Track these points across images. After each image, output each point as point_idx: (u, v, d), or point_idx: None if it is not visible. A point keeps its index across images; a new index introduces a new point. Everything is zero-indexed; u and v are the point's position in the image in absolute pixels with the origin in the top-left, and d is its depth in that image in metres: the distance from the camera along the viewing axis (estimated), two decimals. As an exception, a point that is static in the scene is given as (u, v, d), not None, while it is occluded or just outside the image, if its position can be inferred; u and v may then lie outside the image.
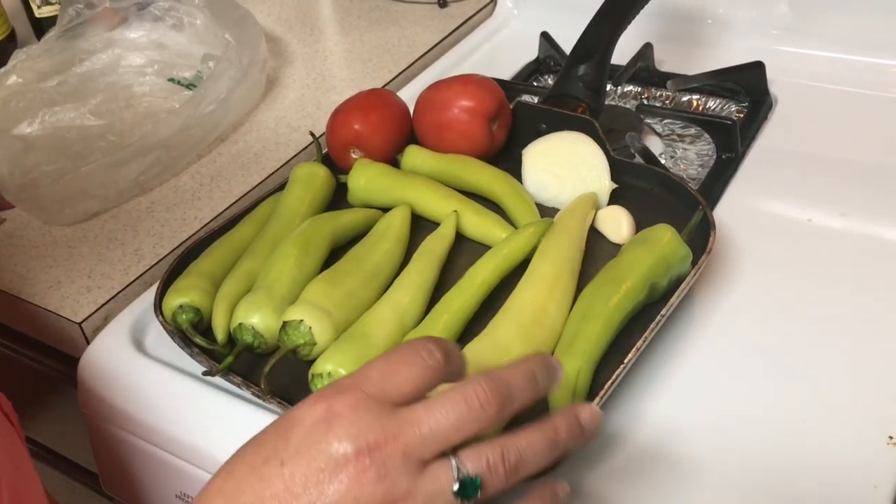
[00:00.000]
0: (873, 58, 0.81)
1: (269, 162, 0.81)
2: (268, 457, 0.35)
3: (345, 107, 0.72)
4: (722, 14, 0.89)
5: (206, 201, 0.76)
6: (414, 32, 1.02)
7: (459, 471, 0.34)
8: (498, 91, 0.71)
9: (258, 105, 0.90)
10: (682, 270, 0.57)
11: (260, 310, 0.55)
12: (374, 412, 0.35)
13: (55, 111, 0.85)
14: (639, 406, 0.53)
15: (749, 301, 0.60)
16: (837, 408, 0.52)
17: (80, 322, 0.65)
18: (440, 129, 0.70)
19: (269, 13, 1.11)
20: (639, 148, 0.72)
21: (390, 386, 0.36)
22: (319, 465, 0.34)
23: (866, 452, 0.49)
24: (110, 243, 0.72)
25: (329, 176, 0.70)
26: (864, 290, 0.59)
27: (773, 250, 0.64)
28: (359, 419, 0.34)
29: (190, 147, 0.80)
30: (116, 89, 0.90)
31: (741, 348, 0.56)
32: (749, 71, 0.80)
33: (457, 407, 0.35)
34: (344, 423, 0.34)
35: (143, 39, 0.95)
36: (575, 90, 0.71)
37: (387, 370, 0.36)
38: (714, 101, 0.82)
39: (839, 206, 0.67)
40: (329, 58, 0.99)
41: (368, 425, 0.34)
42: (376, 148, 0.71)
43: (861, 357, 0.55)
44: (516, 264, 0.59)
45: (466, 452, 0.35)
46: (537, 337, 0.52)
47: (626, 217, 0.63)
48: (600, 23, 0.74)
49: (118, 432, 0.61)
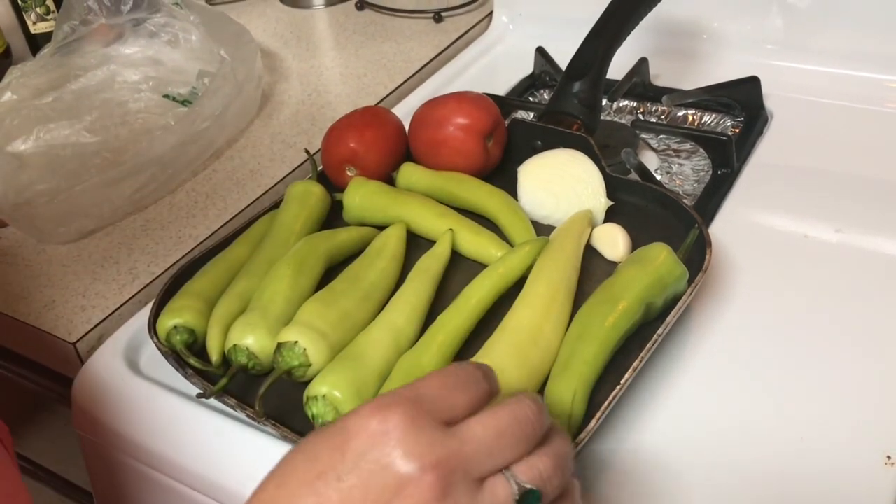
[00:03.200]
0: (869, 72, 0.82)
1: (264, 179, 0.81)
2: (322, 471, 0.34)
3: (340, 124, 0.72)
4: (717, 29, 0.89)
5: (201, 219, 0.76)
6: (409, 48, 1.02)
7: (518, 485, 0.34)
8: (493, 108, 0.71)
9: (253, 121, 0.90)
10: (679, 289, 0.57)
11: (254, 331, 0.55)
12: (431, 428, 0.34)
13: (50, 128, 0.84)
14: (635, 425, 0.53)
15: (746, 319, 0.59)
16: (835, 427, 0.51)
17: (74, 342, 0.65)
18: (435, 146, 0.70)
19: (265, 29, 1.11)
20: (634, 164, 0.72)
21: (444, 407, 0.35)
22: (380, 482, 0.33)
23: (864, 472, 0.49)
24: (105, 262, 0.72)
25: (324, 194, 0.70)
26: (861, 308, 0.59)
27: (769, 267, 0.63)
28: (418, 435, 0.34)
29: (185, 164, 0.80)
30: (112, 106, 0.90)
31: (738, 367, 0.56)
32: (744, 86, 0.80)
33: (511, 426, 0.35)
34: (403, 438, 0.33)
35: (139, 55, 0.95)
36: (570, 107, 0.71)
37: (442, 392, 0.36)
38: (710, 115, 0.82)
39: (835, 221, 0.67)
40: (324, 73, 0.99)
41: (429, 442, 0.34)
42: (372, 165, 0.71)
43: (859, 376, 0.54)
44: (512, 283, 0.59)
45: (520, 467, 0.35)
46: (533, 357, 0.52)
47: (621, 235, 0.63)
48: (595, 39, 0.74)
49: (112, 452, 0.61)
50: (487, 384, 0.37)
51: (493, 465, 0.35)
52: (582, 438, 0.47)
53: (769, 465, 0.50)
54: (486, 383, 0.37)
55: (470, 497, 0.33)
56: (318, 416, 0.50)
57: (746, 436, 0.52)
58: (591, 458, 0.51)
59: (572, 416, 0.49)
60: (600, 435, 0.52)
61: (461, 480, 0.34)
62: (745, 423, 0.53)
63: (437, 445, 0.34)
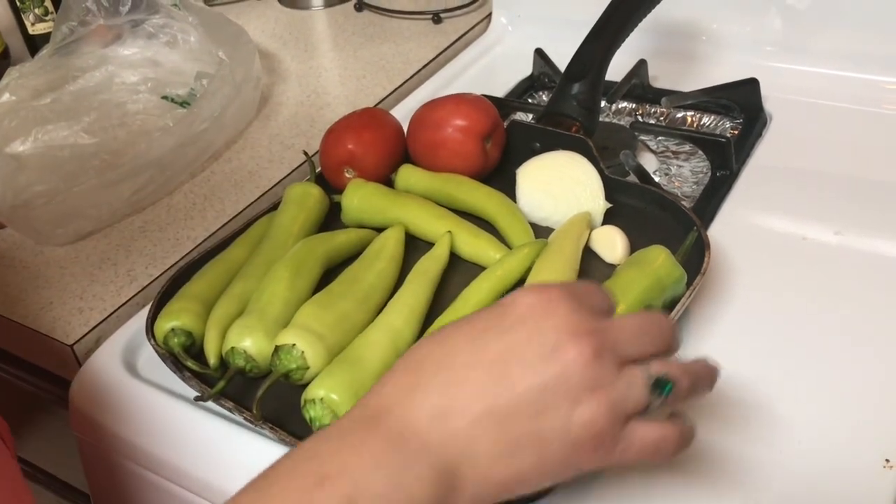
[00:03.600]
0: (868, 74, 0.82)
1: (262, 180, 0.81)
2: (485, 328, 0.38)
3: (338, 126, 0.72)
4: (716, 30, 0.89)
5: (199, 220, 0.76)
6: (408, 49, 1.02)
7: (651, 375, 0.38)
8: (492, 110, 0.70)
9: (252, 122, 0.90)
10: (678, 291, 0.56)
11: (252, 334, 0.55)
12: (586, 309, 0.38)
13: (48, 129, 0.84)
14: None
15: (744, 321, 0.59)
16: (834, 430, 0.51)
17: (71, 344, 0.64)
18: (434, 148, 0.70)
19: (263, 30, 1.11)
20: (633, 166, 0.72)
21: (594, 302, 0.39)
22: (537, 340, 0.37)
23: (863, 475, 0.49)
24: (102, 264, 0.72)
25: (322, 196, 0.70)
26: (860, 310, 0.59)
27: (768, 269, 0.63)
28: (575, 310, 0.38)
29: (183, 166, 0.80)
30: (110, 107, 0.90)
31: (736, 369, 0.56)
32: (743, 87, 0.80)
33: (652, 326, 0.40)
34: (562, 310, 0.37)
35: (137, 57, 0.95)
36: (569, 109, 0.71)
37: (590, 289, 0.40)
38: (708, 117, 0.82)
39: (834, 223, 0.66)
40: (323, 74, 0.99)
41: (584, 318, 0.38)
42: (370, 167, 0.71)
43: (858, 378, 0.54)
44: (510, 286, 0.59)
45: (655, 363, 0.39)
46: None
47: (620, 237, 0.63)
48: (594, 41, 0.74)
49: (110, 454, 0.61)
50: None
51: (635, 351, 0.38)
52: (580, 441, 0.47)
53: (767, 468, 0.50)
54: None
55: (613, 372, 0.37)
56: (316, 420, 0.50)
57: (745, 438, 0.52)
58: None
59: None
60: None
61: (608, 355, 0.37)
62: (742, 425, 0.52)
63: (591, 322, 0.38)
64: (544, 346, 0.36)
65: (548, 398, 0.36)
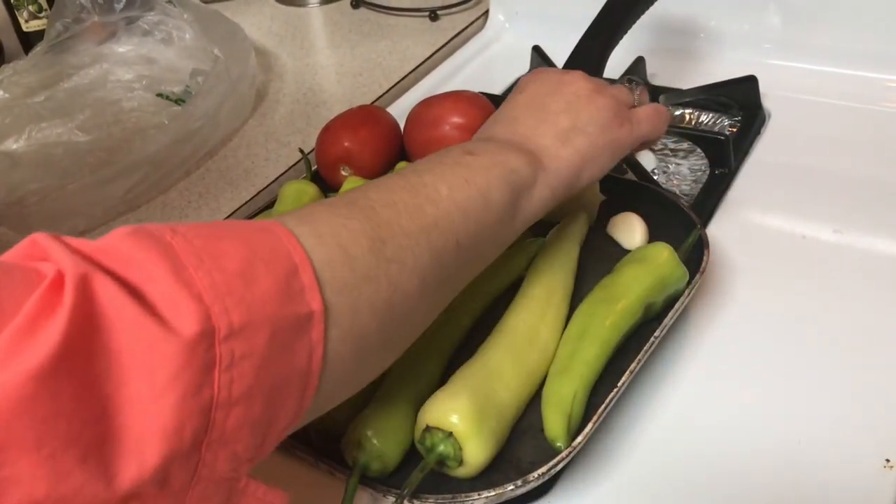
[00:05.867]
0: (867, 71, 0.81)
1: (258, 178, 0.80)
2: (513, 98, 0.57)
3: (334, 124, 0.72)
4: (714, 28, 0.89)
5: (194, 219, 0.75)
6: (405, 46, 1.01)
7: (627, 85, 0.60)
8: (489, 108, 0.70)
9: (247, 120, 0.90)
10: (678, 289, 0.56)
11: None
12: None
13: (42, 127, 0.84)
14: (633, 427, 0.52)
15: (743, 320, 0.59)
16: (834, 430, 0.51)
17: (65, 343, 0.64)
18: (431, 145, 0.70)
19: (259, 27, 1.11)
20: (631, 163, 0.71)
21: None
22: (558, 86, 0.56)
23: (863, 475, 0.48)
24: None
25: (318, 194, 0.69)
26: (859, 309, 0.59)
27: (767, 268, 0.63)
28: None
29: (178, 163, 0.80)
30: (104, 104, 0.89)
31: (736, 368, 0.56)
32: (742, 85, 0.79)
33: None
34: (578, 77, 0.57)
35: (132, 54, 0.95)
36: (567, 106, 0.71)
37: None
38: (707, 115, 0.82)
39: (833, 222, 0.66)
40: (319, 72, 0.99)
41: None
42: (366, 165, 0.70)
43: (858, 378, 0.54)
44: (508, 285, 0.59)
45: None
46: (530, 359, 0.52)
47: (639, 224, 0.62)
48: (592, 38, 0.73)
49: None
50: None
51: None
52: (580, 441, 0.47)
53: (767, 468, 0.49)
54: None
55: (606, 84, 0.57)
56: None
57: (744, 438, 0.51)
58: (588, 461, 0.51)
59: (572, 417, 0.48)
60: (598, 437, 0.51)
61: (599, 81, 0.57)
62: (743, 425, 0.52)
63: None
64: (556, 83, 0.56)
65: (574, 105, 0.54)
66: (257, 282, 0.33)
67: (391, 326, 0.41)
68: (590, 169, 0.53)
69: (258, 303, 0.33)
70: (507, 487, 0.45)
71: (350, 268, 0.38)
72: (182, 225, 0.34)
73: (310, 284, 0.35)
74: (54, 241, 0.31)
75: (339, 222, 0.39)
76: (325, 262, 0.37)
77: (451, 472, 0.48)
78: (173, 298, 0.31)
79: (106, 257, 0.31)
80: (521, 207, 0.49)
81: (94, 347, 0.29)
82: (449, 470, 0.48)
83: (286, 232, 0.37)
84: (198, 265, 0.32)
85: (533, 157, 0.50)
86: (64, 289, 0.29)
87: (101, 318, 0.29)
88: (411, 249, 0.41)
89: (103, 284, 0.30)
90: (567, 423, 0.48)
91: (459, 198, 0.45)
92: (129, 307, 0.30)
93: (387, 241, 0.40)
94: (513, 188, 0.48)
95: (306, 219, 0.39)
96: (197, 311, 0.31)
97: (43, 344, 0.28)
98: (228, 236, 0.35)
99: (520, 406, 0.51)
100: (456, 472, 0.48)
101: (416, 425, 0.48)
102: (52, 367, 0.28)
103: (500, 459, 0.49)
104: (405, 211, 0.42)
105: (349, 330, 0.37)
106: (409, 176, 0.46)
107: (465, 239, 0.45)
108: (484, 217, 0.46)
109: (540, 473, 0.45)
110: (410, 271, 0.41)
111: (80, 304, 0.29)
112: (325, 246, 0.37)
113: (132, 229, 0.33)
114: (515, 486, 0.45)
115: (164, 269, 0.31)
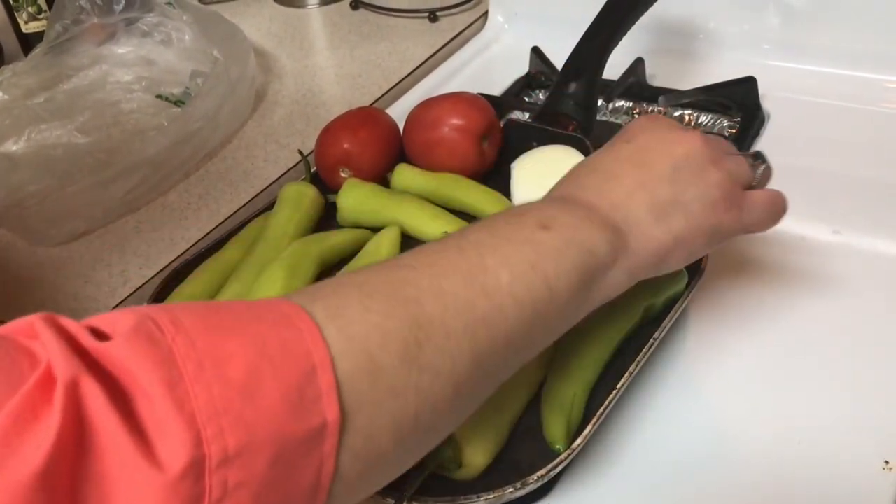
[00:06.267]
0: (866, 72, 0.81)
1: (257, 180, 0.80)
2: (613, 148, 0.49)
3: (334, 125, 0.72)
4: (714, 29, 0.89)
5: (193, 220, 0.75)
6: (405, 47, 1.01)
7: (748, 157, 0.51)
8: (488, 109, 0.70)
9: (247, 121, 0.90)
10: (678, 290, 0.56)
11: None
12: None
13: (42, 128, 0.84)
14: (632, 429, 0.52)
15: (742, 321, 0.59)
16: (833, 431, 0.51)
17: (65, 346, 0.64)
18: (430, 147, 0.70)
19: (259, 28, 1.11)
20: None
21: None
22: (663, 138, 0.48)
23: (862, 477, 0.48)
24: (96, 264, 0.71)
25: (318, 196, 0.69)
26: (859, 310, 0.59)
27: (766, 269, 0.63)
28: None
29: (178, 165, 0.80)
30: (104, 106, 0.89)
31: (735, 370, 0.56)
32: (741, 86, 0.79)
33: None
34: (665, 122, 0.51)
35: (131, 55, 0.95)
36: (566, 108, 0.71)
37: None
38: (706, 116, 0.82)
39: (832, 222, 0.66)
40: (319, 73, 0.99)
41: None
42: (366, 167, 0.70)
43: (857, 380, 0.54)
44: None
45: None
46: (529, 361, 0.52)
47: None
48: (591, 39, 0.73)
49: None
50: None
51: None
52: (579, 443, 0.47)
53: (766, 470, 0.49)
54: None
55: (723, 154, 0.49)
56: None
57: (744, 440, 0.51)
58: (587, 462, 0.51)
59: (571, 419, 0.49)
60: (597, 439, 0.51)
61: (714, 143, 0.49)
62: (742, 427, 0.52)
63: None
64: (668, 141, 0.48)
65: (681, 173, 0.46)
66: (263, 392, 0.30)
67: (413, 439, 0.36)
68: (679, 254, 0.46)
69: (262, 419, 0.29)
70: (506, 489, 0.45)
71: (374, 380, 0.33)
72: (190, 314, 0.31)
73: (327, 389, 0.31)
74: (51, 329, 0.29)
75: (373, 322, 0.34)
76: (349, 373, 0.32)
77: (451, 475, 0.48)
78: (164, 419, 0.28)
79: (102, 357, 0.29)
80: (591, 292, 0.43)
81: (78, 469, 0.27)
82: (448, 472, 0.48)
83: (309, 324, 0.32)
84: (196, 374, 0.29)
85: (617, 235, 0.44)
86: (53, 391, 0.27)
87: (88, 437, 0.27)
88: (450, 353, 0.36)
89: (93, 395, 0.27)
90: (566, 424, 0.48)
91: (519, 289, 0.39)
92: (117, 428, 0.27)
93: (423, 345, 0.35)
94: (586, 274, 0.42)
95: (337, 312, 0.34)
96: (187, 436, 0.28)
97: (27, 459, 0.25)
98: (238, 330, 0.31)
99: (519, 408, 0.51)
100: (455, 475, 0.48)
101: None
102: (35, 488, 0.25)
103: (500, 461, 0.49)
104: (453, 305, 0.37)
105: (364, 450, 0.33)
106: (469, 253, 0.39)
107: (517, 337, 0.39)
108: (544, 310, 0.40)
109: (539, 475, 0.45)
110: (445, 380, 0.36)
111: (69, 417, 0.26)
112: (352, 353, 0.33)
113: (134, 323, 0.30)
114: (515, 489, 0.45)
115: (157, 381, 0.28)
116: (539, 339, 0.42)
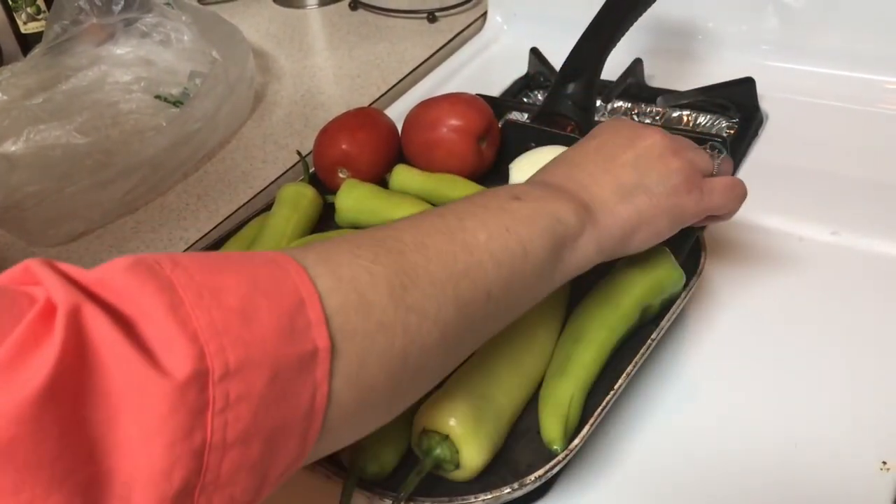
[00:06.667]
0: (864, 73, 0.81)
1: (256, 180, 0.80)
2: (582, 144, 0.53)
3: (332, 126, 0.72)
4: (712, 29, 0.89)
5: (192, 221, 0.75)
6: (403, 48, 1.01)
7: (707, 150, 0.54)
8: (487, 110, 0.70)
9: (245, 122, 0.90)
10: (675, 292, 0.56)
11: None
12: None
13: (40, 129, 0.84)
14: (630, 430, 0.52)
15: (740, 322, 0.59)
16: (830, 432, 0.51)
17: (63, 346, 0.64)
18: (429, 148, 0.70)
19: (258, 29, 1.11)
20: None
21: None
22: (628, 134, 0.52)
23: (860, 478, 0.48)
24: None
25: (316, 196, 0.69)
26: (857, 311, 0.59)
27: (764, 270, 0.63)
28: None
29: (177, 165, 0.80)
30: (102, 106, 0.89)
31: (733, 371, 0.56)
32: (739, 87, 0.79)
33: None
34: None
35: (130, 56, 0.95)
36: (564, 108, 0.71)
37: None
38: (705, 116, 0.82)
39: (830, 224, 0.66)
40: (317, 74, 0.99)
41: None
42: (364, 167, 0.70)
43: (855, 380, 0.54)
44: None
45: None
46: (527, 363, 0.52)
47: None
48: (589, 40, 0.73)
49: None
50: None
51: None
52: (576, 444, 0.47)
53: (764, 470, 0.49)
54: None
55: (684, 145, 0.52)
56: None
57: (741, 440, 0.51)
58: (585, 463, 0.51)
59: (569, 420, 0.49)
60: (594, 440, 0.51)
61: (678, 138, 0.53)
62: (740, 427, 0.52)
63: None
64: (632, 136, 0.51)
65: (644, 161, 0.50)
66: (258, 318, 0.32)
67: (403, 378, 0.38)
68: (644, 232, 0.50)
69: (258, 341, 0.31)
70: (503, 490, 0.45)
71: (364, 314, 0.36)
72: (186, 256, 0.33)
73: (316, 320, 0.34)
74: (48, 268, 0.30)
75: (361, 265, 0.37)
76: (338, 307, 0.35)
77: (448, 475, 0.48)
78: (167, 337, 0.29)
79: (101, 288, 0.30)
80: (562, 259, 0.46)
81: (82, 386, 0.28)
82: (446, 473, 0.48)
83: (296, 266, 0.35)
84: (196, 301, 0.30)
85: (584, 208, 0.47)
86: (54, 319, 0.28)
87: (92, 355, 0.28)
88: (435, 298, 0.39)
89: (95, 318, 0.28)
90: (564, 425, 0.48)
91: (496, 247, 0.42)
92: (121, 344, 0.28)
93: (409, 288, 0.38)
94: (556, 239, 0.45)
95: (326, 258, 0.37)
96: (191, 350, 0.29)
97: (28, 380, 0.26)
98: (231, 269, 0.33)
99: (516, 409, 0.51)
100: (453, 475, 0.48)
101: (413, 428, 0.49)
102: (38, 407, 0.26)
103: (497, 462, 0.48)
104: (436, 256, 0.40)
105: (356, 378, 0.35)
106: (448, 217, 0.43)
107: (497, 290, 0.42)
108: (520, 268, 0.43)
109: (537, 476, 0.45)
110: (431, 322, 0.39)
111: (71, 338, 0.28)
112: (341, 291, 0.35)
113: (132, 260, 0.31)
114: (512, 489, 0.45)
115: (159, 304, 0.30)
116: (519, 297, 0.45)
